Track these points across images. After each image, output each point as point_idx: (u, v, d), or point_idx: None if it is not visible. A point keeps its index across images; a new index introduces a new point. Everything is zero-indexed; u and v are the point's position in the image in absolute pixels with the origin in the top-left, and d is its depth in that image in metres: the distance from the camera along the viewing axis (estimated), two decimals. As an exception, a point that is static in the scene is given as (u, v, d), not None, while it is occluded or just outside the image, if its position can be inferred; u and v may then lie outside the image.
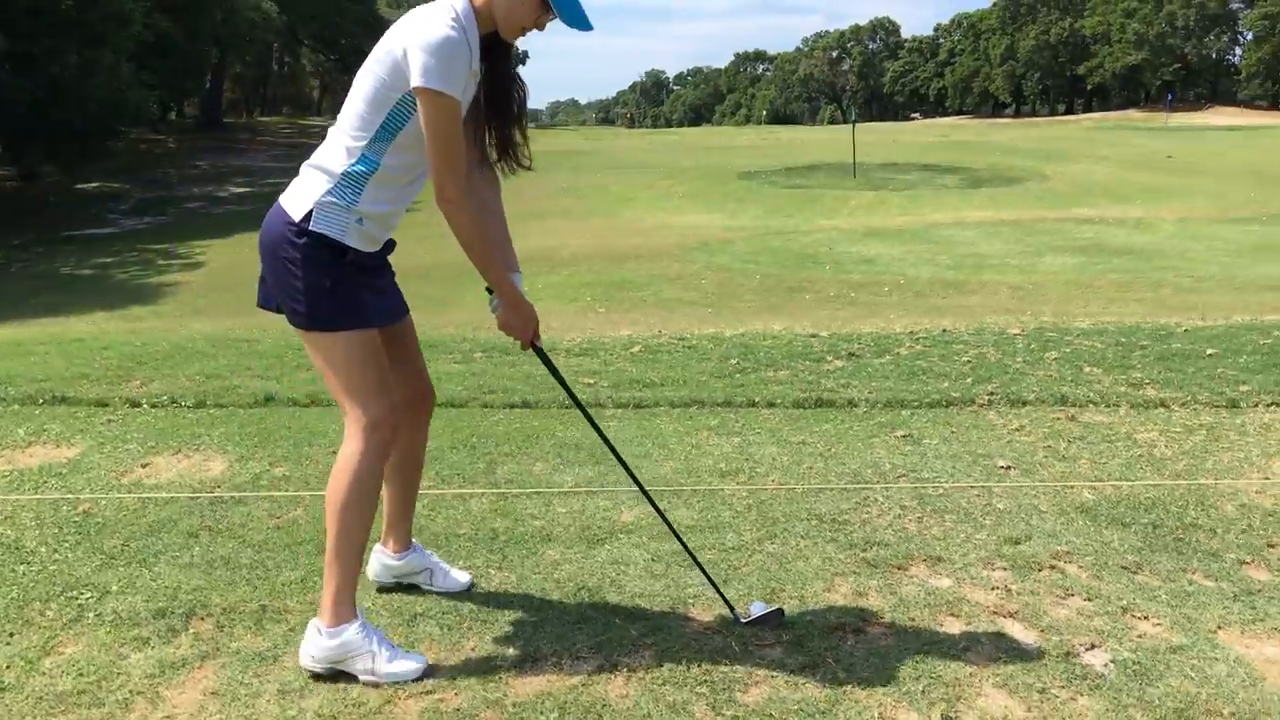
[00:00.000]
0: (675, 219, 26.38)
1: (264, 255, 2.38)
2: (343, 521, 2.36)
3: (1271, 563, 2.82)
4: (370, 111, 2.30)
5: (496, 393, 5.10)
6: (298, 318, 2.36)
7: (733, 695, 2.16)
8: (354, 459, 2.38)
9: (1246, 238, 20.72)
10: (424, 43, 2.19)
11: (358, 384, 2.37)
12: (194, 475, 3.78)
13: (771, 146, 52.23)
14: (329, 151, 2.36)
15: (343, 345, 2.35)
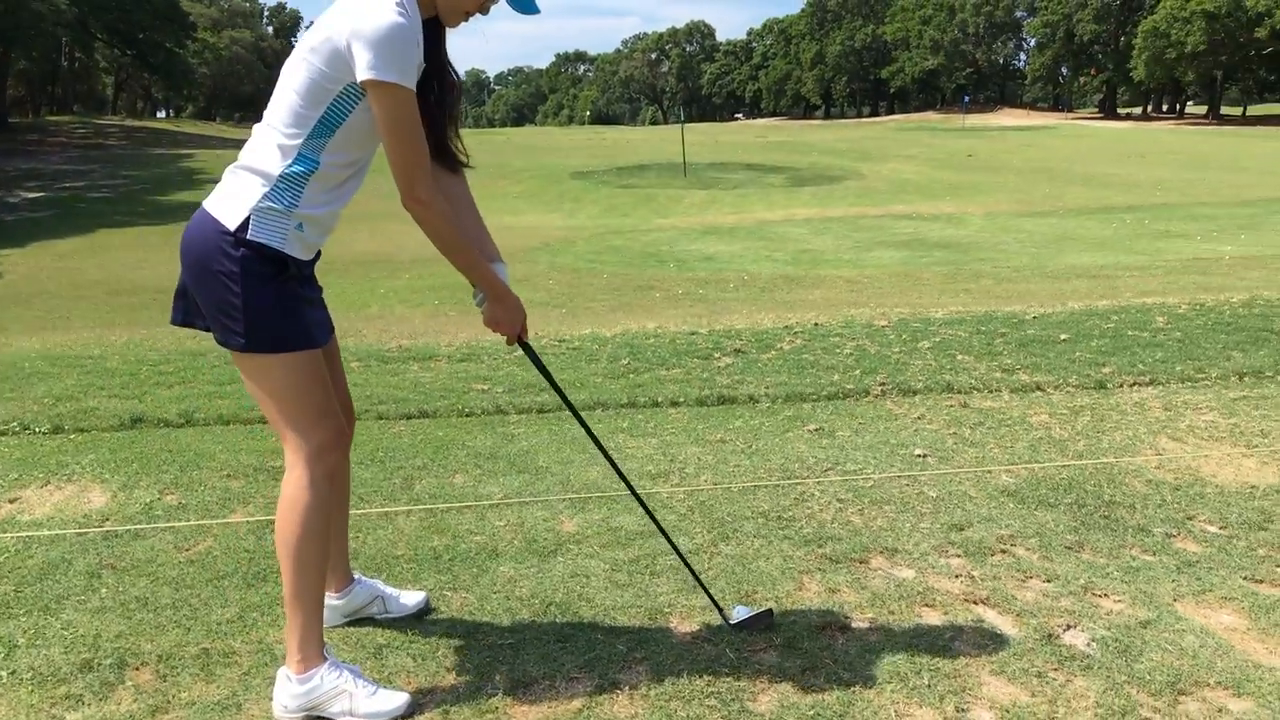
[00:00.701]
0: (513, 219, 26.11)
1: (190, 268, 2.10)
2: (299, 560, 2.14)
3: (1196, 534, 2.99)
4: (306, 106, 2.07)
5: (388, 403, 4.86)
6: (233, 338, 2.08)
7: (744, 705, 2.09)
8: (303, 491, 2.15)
9: (1049, 230, 22.29)
10: (372, 31, 1.97)
11: (301, 409, 2.14)
12: (74, 509, 3.41)
13: (599, 146, 52.56)
14: (260, 151, 2.11)
15: (284, 368, 2.11)
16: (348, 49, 2.00)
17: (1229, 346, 5.88)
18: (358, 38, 1.99)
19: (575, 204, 29.26)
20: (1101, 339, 6.22)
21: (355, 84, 2.03)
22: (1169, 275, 15.22)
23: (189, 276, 2.11)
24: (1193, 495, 3.31)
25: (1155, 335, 6.26)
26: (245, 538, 3.13)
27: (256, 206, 2.06)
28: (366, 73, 1.99)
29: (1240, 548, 2.85)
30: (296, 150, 2.08)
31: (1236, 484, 3.41)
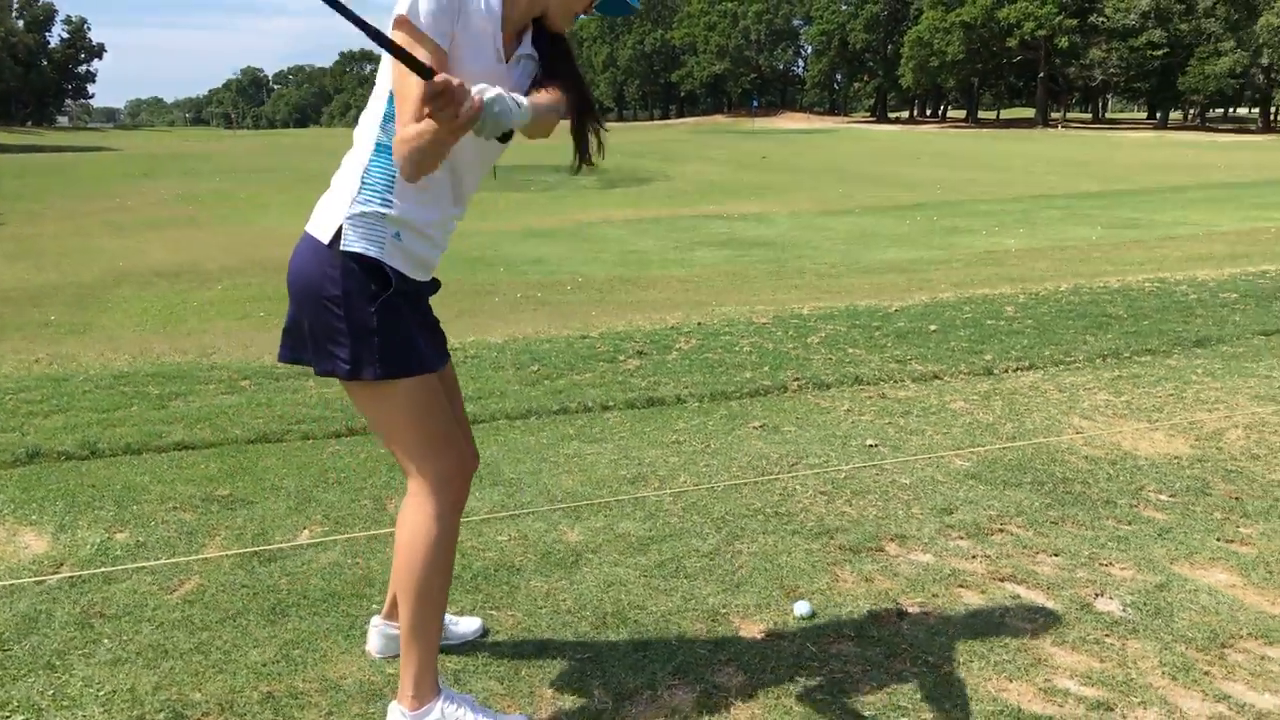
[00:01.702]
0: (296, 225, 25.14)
1: (294, 296, 2.00)
2: (423, 594, 2.02)
3: (1154, 503, 3.30)
4: (379, 88, 1.95)
5: (307, 422, 4.62)
6: (339, 365, 1.96)
7: (855, 696, 2.16)
8: (430, 523, 2.03)
9: (850, 227, 23.57)
10: None
11: (421, 438, 2.03)
12: (12, 556, 3.07)
13: (397, 149, 51.23)
14: (347, 157, 2.03)
15: (401, 395, 1.99)
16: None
17: (1079, 331, 6.45)
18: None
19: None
20: (966, 329, 6.68)
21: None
22: (968, 268, 16.43)
23: (294, 304, 2.00)
24: (1130, 468, 3.63)
25: (1011, 324, 6.78)
26: (234, 573, 2.92)
27: (348, 214, 1.95)
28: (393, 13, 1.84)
29: (1198, 513, 3.17)
30: (375, 139, 1.95)
31: (1160, 455, 3.78)
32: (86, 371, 5.84)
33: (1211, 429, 4.07)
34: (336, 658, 2.41)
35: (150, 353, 6.78)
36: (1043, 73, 79.78)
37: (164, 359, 6.50)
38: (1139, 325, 6.54)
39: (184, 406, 4.94)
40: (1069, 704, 2.11)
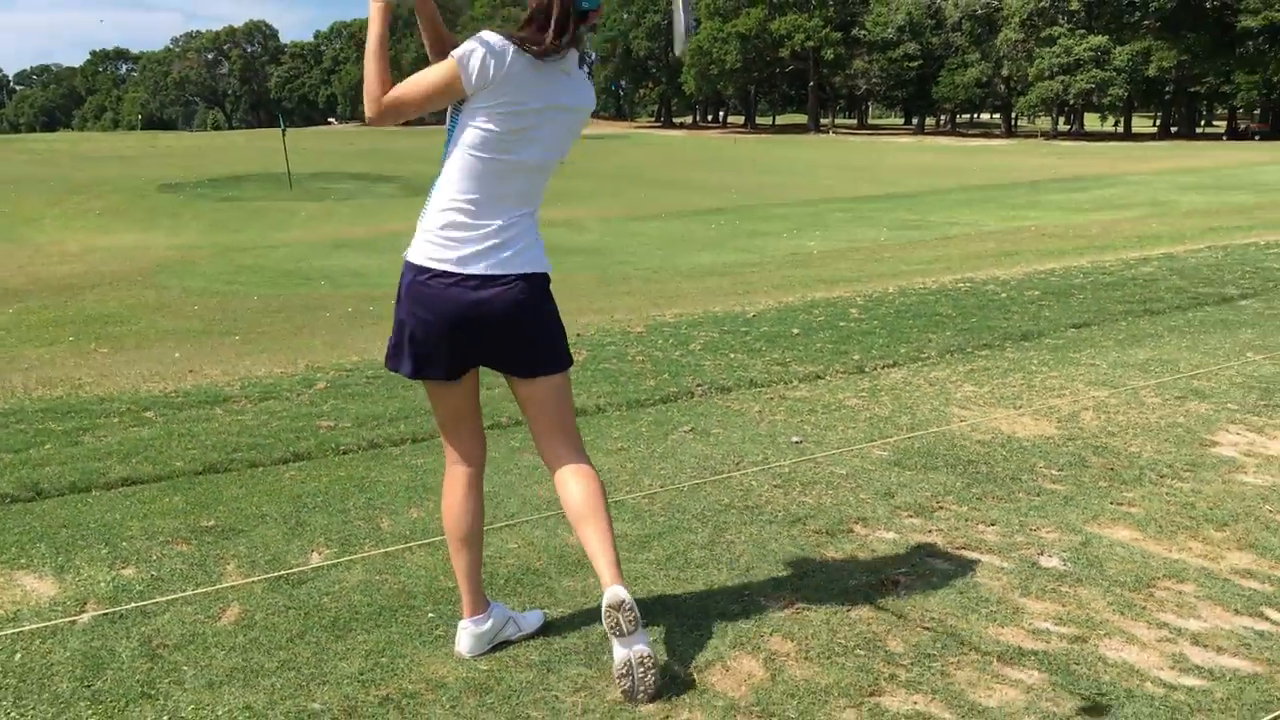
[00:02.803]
0: (106, 240, 23.67)
1: (518, 323, 2.48)
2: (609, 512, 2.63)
3: (1049, 476, 3.94)
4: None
5: (243, 450, 4.66)
6: (563, 359, 2.61)
7: (893, 650, 2.61)
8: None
9: (660, 233, 24.46)
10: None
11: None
12: (28, 599, 3.08)
13: (175, 155, 48.43)
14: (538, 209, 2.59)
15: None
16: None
17: (921, 330, 7.25)
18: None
19: (174, 220, 27.00)
20: (825, 330, 7.36)
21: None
22: (780, 270, 17.54)
23: (504, 328, 2.44)
24: (1018, 449, 4.30)
25: (861, 325, 7.53)
26: (270, 597, 3.06)
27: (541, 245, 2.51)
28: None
29: (1087, 483, 3.84)
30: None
31: (1036, 437, 4.47)
32: None
33: (1066, 412, 4.83)
34: (425, 661, 2.64)
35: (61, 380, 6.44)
36: (813, 81, 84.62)
37: (33, 394, 6.22)
38: (969, 323, 7.41)
39: (101, 441, 4.85)
40: (1053, 640, 2.65)
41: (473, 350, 2.52)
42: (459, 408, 2.64)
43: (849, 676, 2.48)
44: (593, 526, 2.52)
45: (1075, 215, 25.56)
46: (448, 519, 2.68)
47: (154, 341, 12.30)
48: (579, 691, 2.47)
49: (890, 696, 2.40)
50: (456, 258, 2.45)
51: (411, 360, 2.53)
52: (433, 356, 2.51)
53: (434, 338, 2.49)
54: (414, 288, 2.49)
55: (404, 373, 2.57)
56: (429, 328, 2.48)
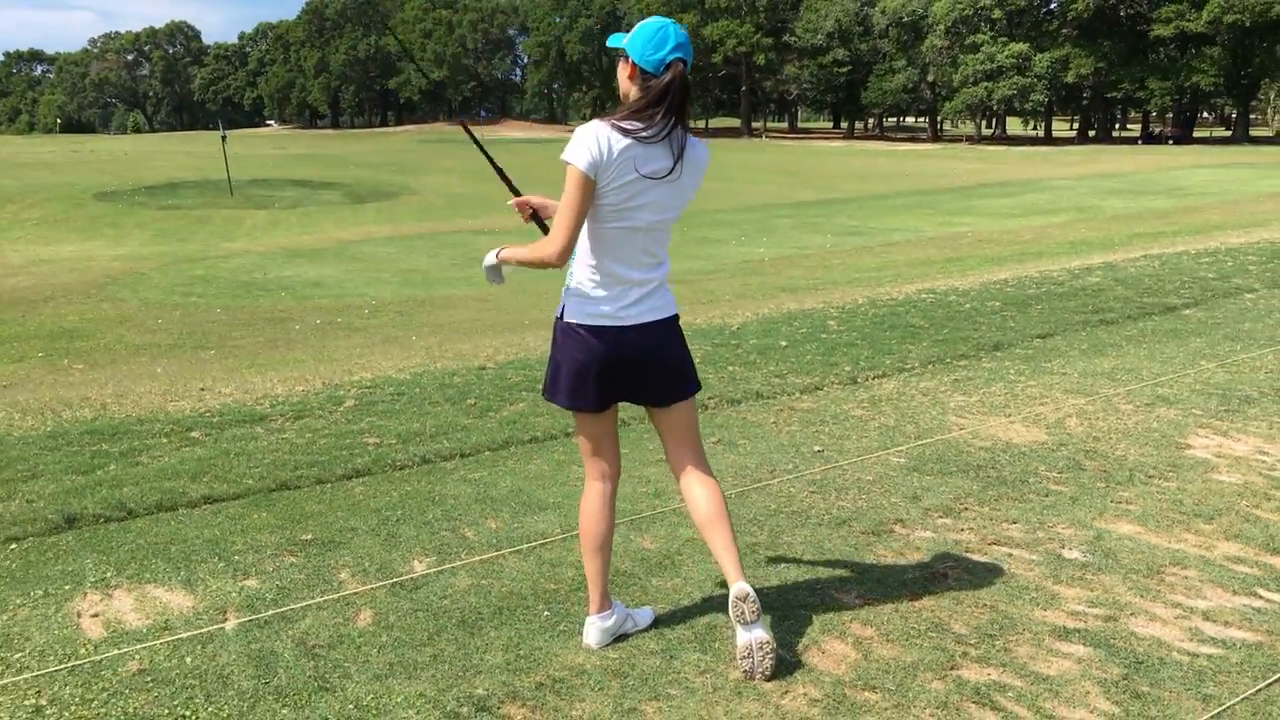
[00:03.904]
0: (48, 251, 23.32)
1: (655, 361, 2.94)
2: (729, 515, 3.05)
3: (1051, 479, 4.46)
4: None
5: (302, 468, 4.96)
6: (692, 386, 3.08)
7: (961, 632, 3.08)
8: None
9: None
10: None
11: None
12: (170, 610, 3.39)
13: (104, 161, 47.41)
14: (667, 263, 3.03)
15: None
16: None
17: (899, 341, 7.79)
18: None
19: (116, 230, 26.65)
20: (809, 343, 7.86)
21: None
22: (736, 278, 18.09)
23: (655, 360, 2.89)
24: (1017, 454, 4.82)
25: (842, 336, 8.04)
26: (395, 601, 3.42)
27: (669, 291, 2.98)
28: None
29: (1086, 484, 4.37)
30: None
31: (1031, 443, 5.00)
32: (5, 433, 5.75)
33: (1053, 420, 5.38)
34: (559, 652, 3.03)
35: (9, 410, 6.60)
36: (745, 86, 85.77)
37: (60, 415, 6.40)
38: (941, 334, 7.97)
39: (161, 461, 5.11)
40: (1089, 620, 3.15)
41: (618, 386, 2.94)
42: (602, 434, 3.04)
43: (928, 655, 2.94)
44: (718, 531, 2.94)
45: (1007, 220, 26.64)
46: (585, 527, 3.09)
47: (127, 357, 12.36)
48: (704, 673, 2.88)
49: (966, 670, 2.86)
50: (602, 311, 2.87)
51: (567, 395, 2.97)
52: (584, 391, 2.93)
53: (587, 377, 2.90)
54: (568, 336, 2.92)
55: (559, 403, 3.01)
56: (583, 368, 2.89)
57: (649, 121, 2.81)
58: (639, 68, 2.83)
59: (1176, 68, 65.44)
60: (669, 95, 2.81)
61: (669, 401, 3.03)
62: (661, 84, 2.81)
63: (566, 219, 2.80)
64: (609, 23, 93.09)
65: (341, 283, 18.58)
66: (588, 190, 2.80)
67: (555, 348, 3.01)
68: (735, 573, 2.89)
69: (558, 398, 3.02)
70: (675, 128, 2.85)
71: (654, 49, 2.81)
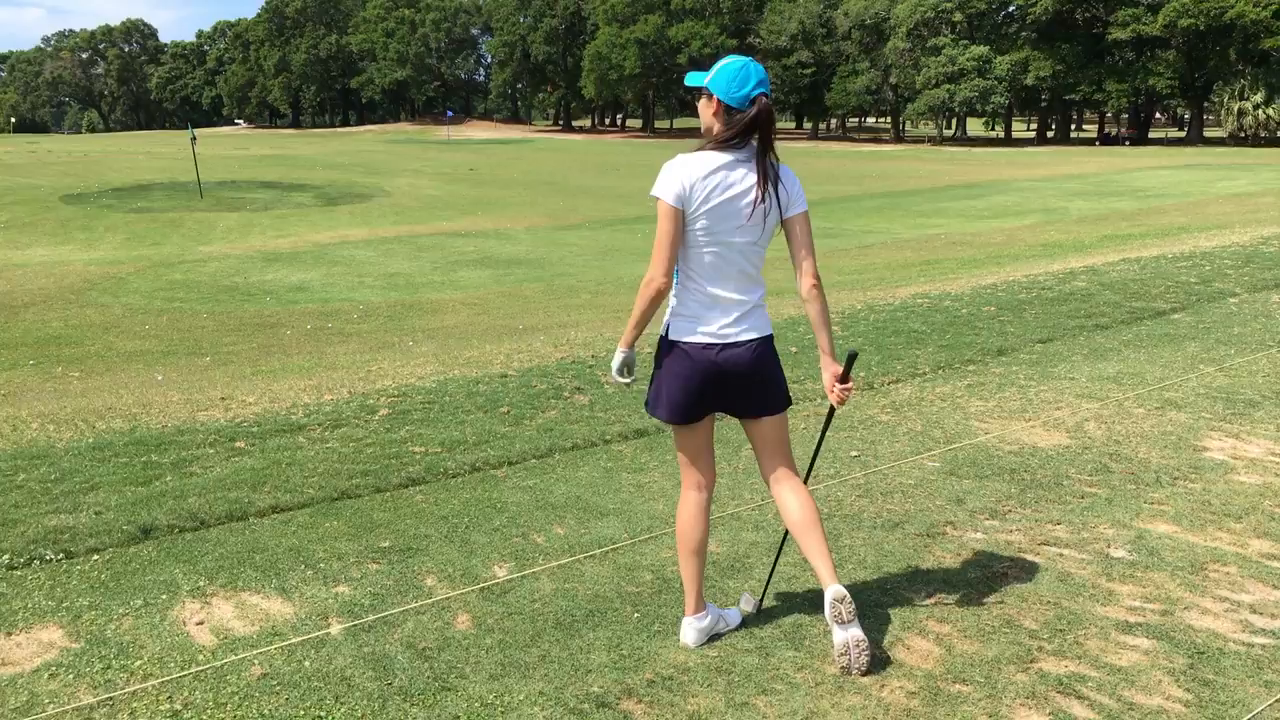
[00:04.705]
0: (19, 256, 23.05)
1: (752, 376, 3.12)
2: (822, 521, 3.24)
3: (1083, 481, 4.72)
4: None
5: (356, 477, 5.09)
6: (785, 400, 3.26)
7: (1032, 627, 3.30)
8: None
9: (590, 243, 25.02)
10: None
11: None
12: (272, 617, 3.53)
13: (60, 162, 46.68)
14: (763, 285, 3.18)
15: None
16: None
17: (905, 347, 8.04)
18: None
19: (88, 234, 26.37)
20: (815, 348, 8.08)
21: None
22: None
23: (753, 380, 3.06)
24: (1045, 458, 5.08)
25: (849, 342, 8.28)
26: (486, 605, 3.58)
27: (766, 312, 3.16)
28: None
29: (1117, 486, 4.63)
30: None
31: (1055, 446, 5.26)
32: (48, 445, 5.82)
33: (1071, 424, 5.64)
34: (660, 651, 3.22)
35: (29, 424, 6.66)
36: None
37: (95, 426, 6.47)
38: (944, 339, 8.24)
39: (215, 472, 5.22)
40: (1148, 614, 3.39)
41: (716, 399, 3.14)
42: (700, 445, 3.24)
43: (1007, 649, 3.16)
44: (812, 536, 3.14)
45: (978, 223, 27.14)
46: (682, 533, 3.27)
47: (121, 364, 12.34)
48: (801, 670, 3.08)
49: (1045, 663, 3.09)
50: (705, 330, 3.07)
51: (668, 410, 3.16)
52: (685, 405, 3.13)
53: (689, 391, 3.10)
54: (672, 354, 3.12)
55: (661, 418, 3.20)
56: (685, 383, 3.09)
57: (736, 151, 3.02)
58: (724, 104, 3.05)
59: (1133, 70, 66.77)
60: (756, 126, 3.03)
61: (763, 414, 3.22)
62: (748, 117, 3.03)
63: (662, 249, 3.07)
64: (573, 23, 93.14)
65: (325, 287, 18.58)
66: (677, 220, 3.05)
67: (659, 365, 3.19)
68: (830, 576, 3.09)
69: (659, 412, 3.21)
70: (763, 155, 3.06)
71: (738, 86, 3.04)
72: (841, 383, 3.25)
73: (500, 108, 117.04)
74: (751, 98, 3.04)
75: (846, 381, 3.25)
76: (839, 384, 3.25)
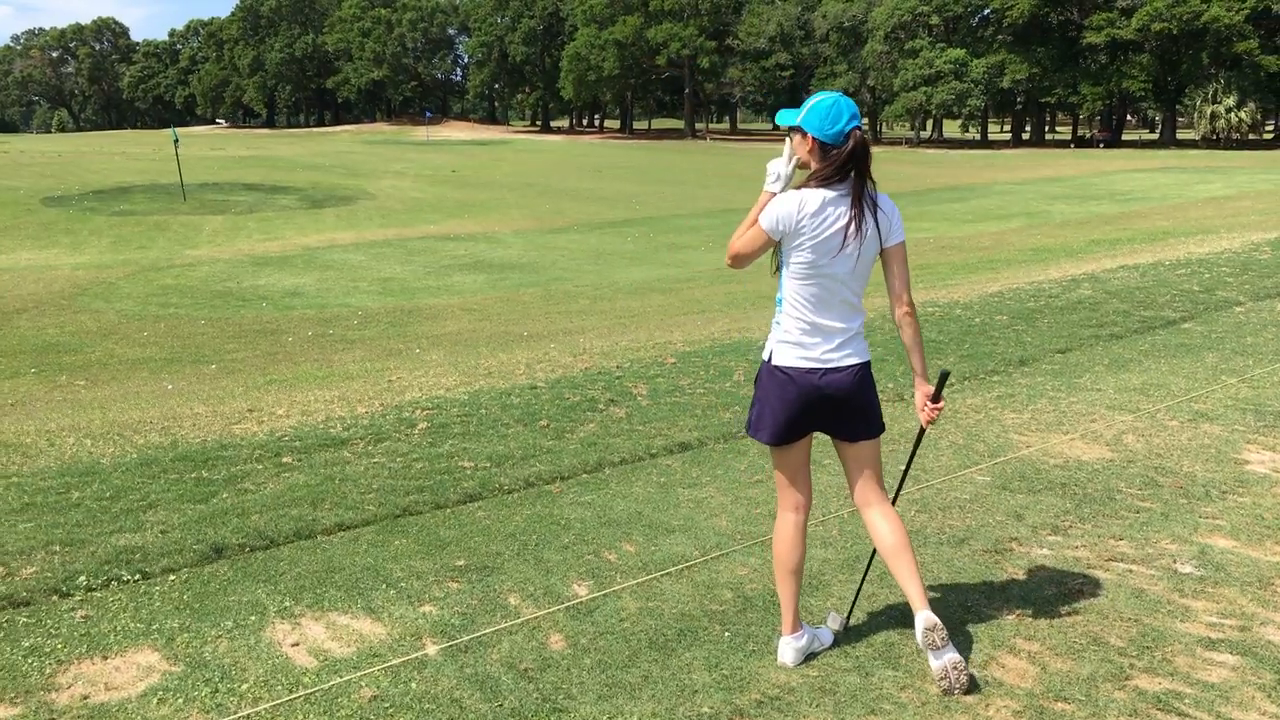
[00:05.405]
0: (6, 260, 22.75)
1: (849, 401, 3.22)
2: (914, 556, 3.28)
3: (1135, 495, 4.82)
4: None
5: (413, 493, 5.12)
6: (879, 427, 3.34)
7: (1116, 643, 3.39)
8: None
9: (580, 246, 25.05)
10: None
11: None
12: (369, 639, 3.56)
13: (35, 164, 46.03)
14: (863, 313, 3.25)
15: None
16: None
17: (928, 357, 8.12)
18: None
19: (72, 237, 26.07)
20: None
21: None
22: (714, 285, 18.41)
23: (850, 407, 3.14)
24: (1092, 472, 5.18)
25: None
26: (577, 623, 3.63)
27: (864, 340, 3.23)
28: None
29: (1169, 500, 4.74)
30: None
31: (1099, 460, 5.37)
32: (93, 461, 5.80)
33: (1110, 436, 5.76)
34: (760, 671, 3.28)
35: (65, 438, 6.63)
36: (688, 88, 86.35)
37: (134, 441, 6.44)
38: (963, 349, 8.36)
39: (268, 489, 5.23)
40: (1227, 630, 3.49)
41: (814, 421, 3.22)
42: (797, 466, 3.31)
43: (1100, 666, 3.25)
44: (903, 561, 3.21)
45: (964, 226, 27.39)
46: (779, 554, 3.34)
47: (126, 372, 12.26)
48: (905, 689, 3.16)
49: (1139, 680, 3.18)
50: (807, 356, 3.15)
51: (770, 431, 3.25)
52: (786, 429, 3.24)
53: (790, 415, 3.18)
54: (773, 378, 3.21)
55: (762, 439, 3.29)
56: (787, 407, 3.18)
57: (837, 186, 3.10)
58: (818, 140, 3.13)
59: (1108, 73, 67.52)
60: (852, 161, 3.11)
61: (857, 438, 3.30)
62: (845, 152, 3.12)
63: (743, 248, 3.25)
64: (551, 24, 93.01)
65: (320, 292, 18.49)
66: (765, 243, 3.21)
67: (761, 389, 3.27)
68: (921, 601, 3.16)
69: (760, 435, 3.29)
70: (861, 187, 3.13)
71: (831, 123, 3.12)
72: (933, 402, 3.32)
73: (477, 108, 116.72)
74: (846, 132, 3.12)
75: (938, 401, 3.33)
76: (930, 403, 3.32)
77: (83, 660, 3.44)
